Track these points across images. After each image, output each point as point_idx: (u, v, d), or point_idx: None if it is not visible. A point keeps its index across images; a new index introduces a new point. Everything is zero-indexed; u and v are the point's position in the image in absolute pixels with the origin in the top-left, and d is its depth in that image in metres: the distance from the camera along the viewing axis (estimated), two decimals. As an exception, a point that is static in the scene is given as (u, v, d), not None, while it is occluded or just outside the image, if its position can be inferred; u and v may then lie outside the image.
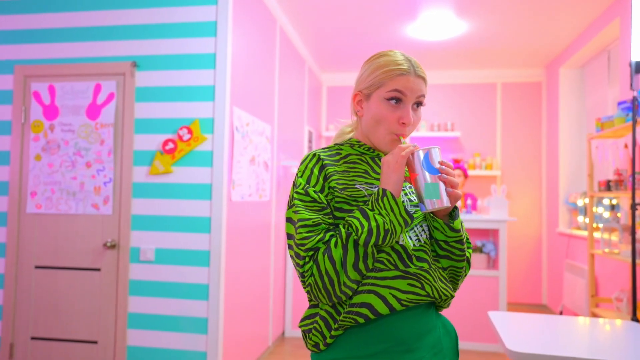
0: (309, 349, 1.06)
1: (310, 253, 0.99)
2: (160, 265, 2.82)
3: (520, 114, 5.67)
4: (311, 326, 1.04)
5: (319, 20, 4.22)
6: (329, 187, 1.05)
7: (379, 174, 1.09)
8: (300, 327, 1.08)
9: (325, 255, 0.97)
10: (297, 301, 4.19)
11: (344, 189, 1.04)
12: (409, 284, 1.00)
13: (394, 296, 0.98)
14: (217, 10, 2.81)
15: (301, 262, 0.99)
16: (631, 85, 2.62)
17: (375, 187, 1.06)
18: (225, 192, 2.82)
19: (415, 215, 1.07)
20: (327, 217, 1.02)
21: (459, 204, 4.11)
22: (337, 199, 1.04)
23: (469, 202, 4.11)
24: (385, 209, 0.96)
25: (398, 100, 1.06)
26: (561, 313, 4.57)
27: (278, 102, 4.03)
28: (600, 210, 3.89)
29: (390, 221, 0.96)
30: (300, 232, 1.00)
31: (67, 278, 2.92)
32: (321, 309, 1.03)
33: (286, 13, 4.05)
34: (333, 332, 1.00)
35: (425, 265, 1.02)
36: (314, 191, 1.03)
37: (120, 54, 2.91)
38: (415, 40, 4.70)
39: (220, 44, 2.80)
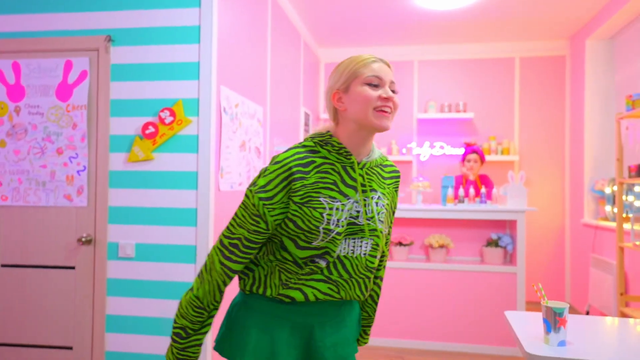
0: (239, 287, 1.43)
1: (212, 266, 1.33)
2: (141, 262, 2.83)
3: (541, 92, 5.66)
4: (244, 277, 1.40)
5: (316, -12, 4.19)
6: (289, 200, 1.30)
7: (347, 184, 1.33)
8: None
9: (205, 276, 1.34)
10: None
11: (305, 203, 1.28)
12: (329, 287, 1.33)
13: (314, 294, 1.32)
14: (201, -23, 2.79)
15: (224, 241, 1.32)
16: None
17: (337, 202, 1.30)
18: (213, 180, 2.82)
19: (363, 228, 1.35)
20: (255, 225, 1.30)
21: (471, 191, 4.12)
22: (293, 213, 1.29)
23: (483, 190, 4.12)
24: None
25: (376, 85, 1.31)
26: (587, 313, 4.61)
27: (270, 81, 4.01)
28: (630, 198, 3.91)
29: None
30: (235, 219, 1.32)
31: (38, 277, 2.93)
32: (258, 271, 1.38)
33: (279, -20, 4.02)
34: (254, 292, 1.37)
35: (346, 276, 1.35)
36: (259, 197, 1.28)
37: (94, 27, 2.88)
38: (423, 10, 4.68)
39: (205, 15, 2.78)
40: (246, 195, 1.31)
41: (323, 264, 1.32)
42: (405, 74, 5.95)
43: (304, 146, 1.35)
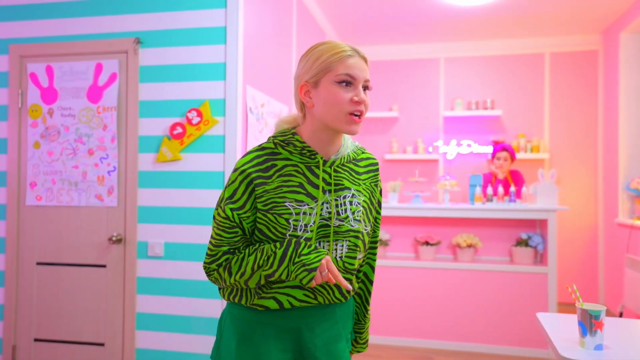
0: (220, 295, 1.42)
1: (214, 266, 1.27)
2: (169, 260, 2.86)
3: (572, 88, 5.52)
4: (217, 284, 1.33)
5: (341, -13, 4.17)
6: (255, 207, 1.25)
7: (314, 185, 1.26)
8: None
9: (226, 271, 1.25)
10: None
11: (270, 209, 1.23)
12: (304, 294, 1.27)
13: (289, 302, 1.26)
14: (227, -22, 2.80)
15: (208, 260, 1.28)
16: None
17: (305, 205, 1.23)
18: (240, 180, 2.83)
19: (337, 230, 1.28)
20: (233, 236, 1.25)
21: (499, 190, 4.04)
22: (259, 220, 1.25)
23: (512, 189, 4.03)
24: (291, 274, 1.19)
25: (348, 83, 1.21)
26: (621, 315, 4.48)
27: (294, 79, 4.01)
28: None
29: (287, 277, 1.20)
30: (211, 242, 1.28)
31: (71, 275, 2.99)
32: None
33: (304, -21, 4.02)
34: (231, 300, 1.33)
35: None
36: (231, 209, 1.24)
37: (123, 29, 2.93)
38: (449, 6, 4.61)
39: (231, 16, 2.79)
40: (217, 212, 1.27)
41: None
42: (431, 72, 5.88)
43: (263, 148, 1.28)
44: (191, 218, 2.84)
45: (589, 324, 1.52)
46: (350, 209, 1.29)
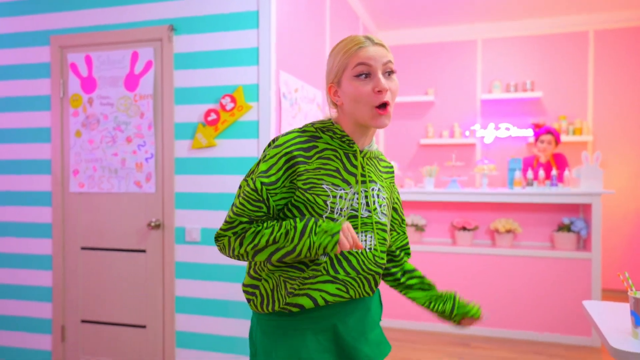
0: (251, 308, 1.34)
1: (229, 233, 1.22)
2: (206, 246, 2.86)
3: (618, 66, 5.23)
4: (252, 297, 1.30)
5: (375, -32, 4.05)
6: (293, 186, 1.21)
7: (349, 172, 1.26)
8: (243, 290, 1.34)
9: (238, 240, 1.21)
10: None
11: (309, 189, 1.21)
12: (337, 288, 1.24)
13: (322, 297, 1.23)
14: (259, -38, 2.74)
15: (224, 227, 1.23)
16: None
17: (341, 190, 1.23)
18: (274, 166, 2.79)
19: (366, 221, 1.26)
20: (256, 210, 1.21)
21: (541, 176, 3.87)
22: (297, 199, 1.22)
23: (553, 172, 3.85)
24: (314, 245, 1.15)
25: (366, 74, 1.20)
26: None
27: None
28: None
29: (308, 252, 1.16)
30: (232, 210, 1.23)
31: (113, 260, 3.04)
32: (262, 286, 1.28)
33: (337, -38, 3.91)
34: (265, 310, 1.28)
35: (353, 273, 1.25)
36: (261, 182, 1.20)
37: (156, 17, 2.91)
38: (488, -15, 4.41)
39: (264, 1, 2.73)
40: (245, 183, 1.24)
41: (324, 257, 1.23)
42: (468, 54, 5.68)
43: (305, 131, 1.27)
44: (226, 204, 2.82)
45: None
46: (378, 202, 1.30)
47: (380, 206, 1.30)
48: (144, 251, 2.98)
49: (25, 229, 3.20)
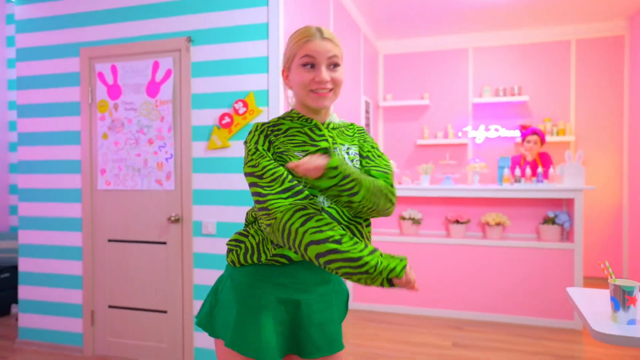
0: (227, 261, 1.33)
1: (289, 201, 1.15)
2: (221, 238, 2.86)
3: (598, 72, 5.18)
4: (236, 248, 1.29)
5: (375, -16, 4.02)
6: (273, 153, 1.22)
7: (315, 141, 1.27)
8: (227, 244, 1.34)
9: (298, 215, 1.13)
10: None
11: (283, 152, 1.22)
12: None
13: None
14: (268, -22, 2.73)
15: (264, 210, 1.16)
16: None
17: (311, 154, 1.23)
18: (283, 165, 2.78)
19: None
20: (278, 167, 1.19)
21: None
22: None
23: (539, 170, 3.83)
24: (378, 266, 1.11)
25: (312, 65, 1.22)
26: (644, 288, 4.21)
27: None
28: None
29: (373, 268, 1.10)
30: (258, 200, 1.17)
31: (137, 251, 3.05)
32: (249, 241, 1.27)
33: (340, -22, 3.89)
34: (247, 261, 1.26)
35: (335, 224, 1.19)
36: (264, 149, 1.22)
37: (175, 29, 2.91)
38: (478, 0, 4.38)
39: (272, 13, 2.72)
40: (251, 165, 1.21)
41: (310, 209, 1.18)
42: (460, 61, 5.64)
43: (268, 122, 1.30)
44: (239, 200, 2.82)
45: (622, 299, 1.39)
46: (349, 158, 1.31)
47: (352, 161, 1.31)
48: (164, 243, 2.98)
49: (58, 223, 3.22)
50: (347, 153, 1.31)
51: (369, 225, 1.31)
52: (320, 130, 1.29)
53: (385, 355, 3.12)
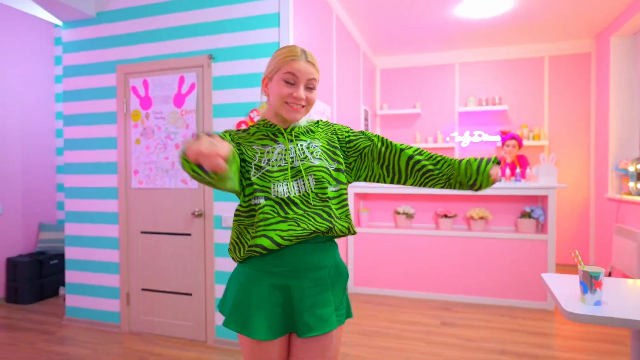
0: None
1: None
2: (239, 230, 2.85)
3: (568, 85, 5.14)
4: (231, 247, 1.28)
5: (372, 6, 4.01)
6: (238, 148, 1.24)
7: (274, 140, 1.26)
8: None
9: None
10: (358, 260, 4.15)
11: (242, 150, 1.23)
12: (289, 225, 1.19)
13: (278, 235, 1.18)
14: (280, 3, 2.72)
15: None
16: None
17: (269, 147, 1.24)
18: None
19: (297, 169, 1.23)
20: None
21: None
22: (241, 155, 1.24)
23: (517, 170, 3.80)
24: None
25: (291, 83, 1.21)
26: (610, 274, 4.18)
27: (336, 85, 3.91)
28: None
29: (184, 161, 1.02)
30: None
31: (166, 241, 3.06)
32: (232, 236, 1.27)
33: (340, 1, 3.88)
34: (240, 255, 1.25)
35: (300, 212, 1.20)
36: (223, 135, 1.25)
37: (198, 48, 2.92)
38: (463, 20, 4.36)
39: (283, 33, 2.72)
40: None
41: (261, 200, 1.19)
42: (448, 75, 5.61)
43: (238, 130, 1.32)
44: (255, 196, 2.81)
45: (590, 283, 1.38)
46: (309, 151, 1.27)
47: (312, 153, 1.26)
48: (189, 235, 2.99)
49: (98, 217, 3.24)
50: (308, 147, 1.27)
51: (343, 206, 1.28)
52: (281, 132, 1.28)
53: (382, 333, 3.12)
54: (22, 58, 4.11)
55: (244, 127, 1.31)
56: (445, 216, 3.99)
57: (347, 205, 1.31)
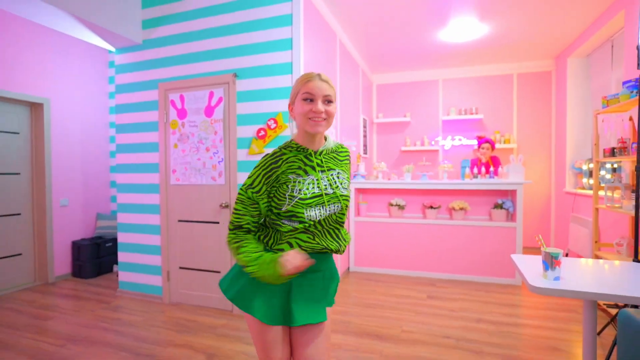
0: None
1: (233, 235, 1.21)
2: (259, 218, 2.85)
3: (533, 97, 5.08)
4: (261, 234, 1.25)
5: (369, 32, 3.99)
6: (271, 187, 1.19)
7: (308, 165, 1.22)
8: None
9: (235, 245, 1.20)
10: (358, 244, 4.14)
11: (276, 182, 1.18)
12: (307, 237, 1.21)
13: (298, 244, 1.21)
14: (292, 30, 2.72)
15: (231, 227, 1.22)
16: (638, 65, 2.19)
17: (300, 177, 1.19)
18: (302, 165, 2.77)
19: (332, 196, 1.22)
20: (253, 209, 1.20)
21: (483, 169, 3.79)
22: (273, 192, 1.20)
23: (492, 169, 3.77)
24: (265, 272, 1.15)
25: (311, 99, 1.19)
26: (567, 255, 4.13)
27: (340, 98, 3.90)
28: (602, 172, 3.41)
29: (262, 276, 1.15)
30: (233, 215, 1.21)
31: (198, 228, 3.07)
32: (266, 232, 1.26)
33: (343, 27, 3.87)
34: (267, 243, 1.24)
35: (320, 227, 1.22)
36: (252, 192, 1.19)
37: (225, 68, 2.93)
38: (445, 43, 4.32)
39: (295, 55, 2.72)
40: (240, 194, 1.21)
41: (295, 224, 1.19)
42: (433, 89, 5.57)
43: (274, 153, 1.24)
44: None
45: (550, 262, 1.37)
46: (339, 181, 1.26)
47: (341, 184, 1.26)
48: (217, 223, 3.00)
49: (144, 208, 3.26)
50: (338, 177, 1.26)
51: (343, 226, 1.32)
52: (312, 156, 1.24)
53: (379, 304, 3.11)
54: (82, 79, 4.15)
55: (273, 152, 1.25)
56: (431, 207, 3.97)
57: (344, 228, 1.34)
